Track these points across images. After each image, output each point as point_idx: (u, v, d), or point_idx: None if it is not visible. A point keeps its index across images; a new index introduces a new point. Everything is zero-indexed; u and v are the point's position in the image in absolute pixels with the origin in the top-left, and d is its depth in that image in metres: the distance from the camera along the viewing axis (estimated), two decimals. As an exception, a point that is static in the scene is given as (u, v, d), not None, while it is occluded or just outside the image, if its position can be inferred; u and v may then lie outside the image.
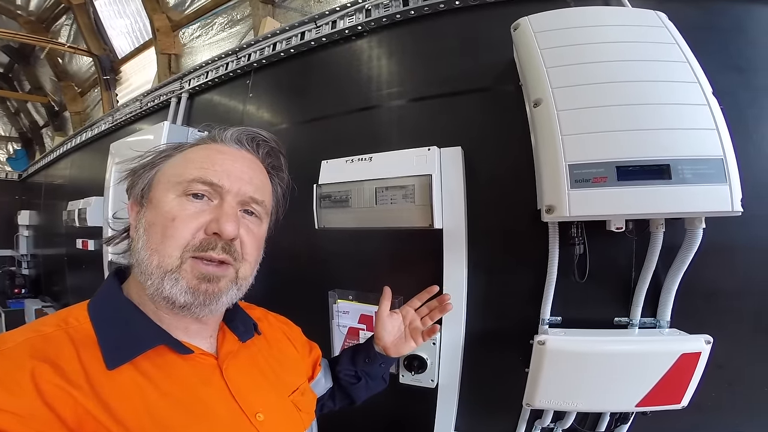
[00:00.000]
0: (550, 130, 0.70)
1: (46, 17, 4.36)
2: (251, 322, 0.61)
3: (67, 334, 0.43)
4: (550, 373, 0.72)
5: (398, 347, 0.74)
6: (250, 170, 0.53)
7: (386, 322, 0.74)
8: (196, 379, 0.48)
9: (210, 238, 0.47)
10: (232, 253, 0.48)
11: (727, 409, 0.80)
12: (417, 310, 0.77)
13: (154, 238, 0.46)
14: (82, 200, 2.21)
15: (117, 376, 0.42)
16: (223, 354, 0.53)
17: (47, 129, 5.86)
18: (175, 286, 0.45)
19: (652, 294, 0.80)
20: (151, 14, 3.02)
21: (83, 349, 0.42)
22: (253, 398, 0.51)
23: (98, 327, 0.45)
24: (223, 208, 0.48)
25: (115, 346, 0.43)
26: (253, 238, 0.52)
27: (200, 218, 0.47)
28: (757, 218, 0.75)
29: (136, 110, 2.10)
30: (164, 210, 0.47)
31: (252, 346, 0.59)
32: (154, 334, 0.47)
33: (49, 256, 3.43)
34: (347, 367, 0.75)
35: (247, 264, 0.51)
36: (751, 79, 0.81)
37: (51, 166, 3.45)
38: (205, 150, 0.52)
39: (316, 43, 1.28)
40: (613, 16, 0.78)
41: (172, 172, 0.50)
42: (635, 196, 0.65)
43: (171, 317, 0.49)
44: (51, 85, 5.20)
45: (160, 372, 0.45)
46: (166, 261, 0.45)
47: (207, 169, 0.49)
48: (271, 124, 1.37)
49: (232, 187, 0.49)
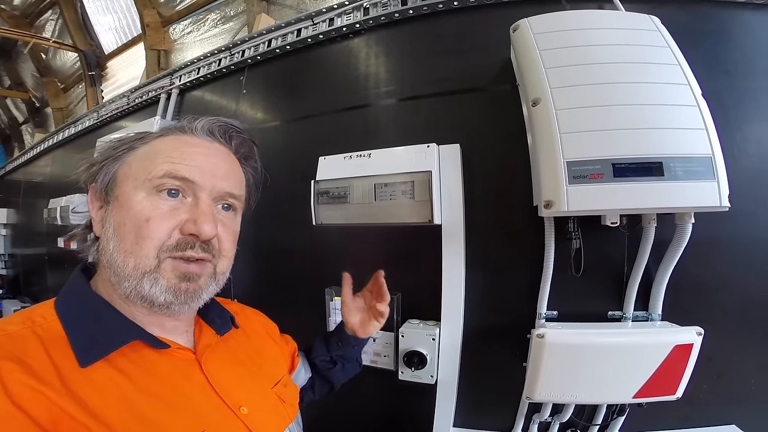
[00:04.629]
0: (549, 129, 0.72)
1: (31, 12, 4.25)
2: (228, 315, 0.60)
3: (33, 333, 0.40)
4: (549, 366, 0.73)
5: (365, 328, 0.75)
6: (225, 165, 0.51)
7: (350, 305, 0.76)
8: (175, 374, 0.46)
9: (186, 237, 0.45)
10: (210, 251, 0.47)
11: (717, 400, 0.83)
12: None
13: (127, 240, 0.44)
14: (65, 198, 2.14)
15: (92, 374, 0.40)
16: (201, 348, 0.51)
17: (27, 125, 5.67)
18: (155, 286, 0.44)
19: (644, 288, 0.82)
20: (141, 9, 2.96)
21: (52, 347, 0.40)
22: (235, 392, 0.50)
23: (67, 324, 0.42)
24: (200, 207, 0.46)
25: (87, 343, 0.41)
26: (230, 233, 0.51)
27: (175, 217, 0.45)
28: (740, 215, 0.79)
29: (123, 106, 2.05)
30: (136, 210, 0.44)
31: (230, 339, 0.57)
32: (127, 330, 0.45)
33: (28, 255, 3.31)
34: (322, 352, 0.75)
35: (224, 259, 0.50)
36: (736, 81, 0.85)
37: (31, 163, 3.33)
38: (173, 141, 0.49)
39: (313, 40, 1.27)
40: (610, 19, 0.81)
41: (139, 166, 0.47)
42: (630, 192, 0.67)
43: (145, 315, 0.47)
44: (32, 81, 5.05)
45: (136, 368, 0.43)
46: (144, 262, 0.43)
47: (177, 163, 0.46)
48: (265, 121, 1.36)
49: (206, 183, 0.47)
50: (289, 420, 0.57)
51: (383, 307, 0.73)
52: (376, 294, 0.75)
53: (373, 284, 0.76)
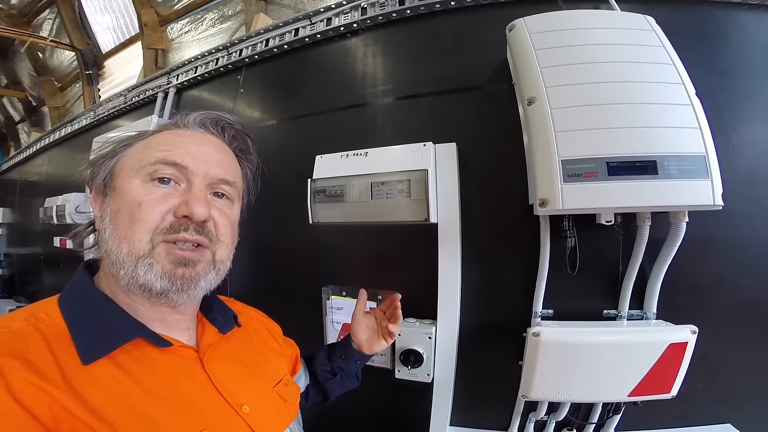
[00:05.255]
0: (544, 127, 0.72)
1: (28, 11, 4.23)
2: (231, 313, 0.60)
3: (36, 329, 0.41)
4: (545, 364, 0.73)
5: (371, 344, 0.76)
6: (217, 153, 0.52)
7: (361, 321, 0.77)
8: (177, 372, 0.46)
9: (180, 220, 0.45)
10: (206, 234, 0.47)
11: (712, 398, 0.83)
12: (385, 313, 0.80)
13: (121, 225, 0.45)
14: (61, 197, 2.13)
15: (94, 371, 0.40)
16: (204, 346, 0.51)
17: (24, 124, 5.64)
18: (149, 272, 0.43)
19: (639, 286, 0.82)
20: (139, 8, 2.95)
21: (55, 344, 0.40)
22: (237, 390, 0.50)
23: (70, 321, 0.43)
24: (192, 191, 0.47)
25: (90, 340, 0.41)
26: (226, 219, 0.51)
27: (168, 201, 0.45)
28: (734, 214, 0.79)
29: (120, 105, 2.04)
30: (130, 196, 0.45)
31: (233, 338, 0.57)
32: (130, 327, 0.45)
33: (24, 255, 3.29)
34: (324, 362, 0.77)
35: (223, 245, 0.50)
36: (730, 81, 0.85)
37: (27, 162, 3.31)
38: (167, 135, 0.51)
39: (311, 40, 1.27)
40: (605, 19, 0.81)
41: (135, 158, 0.48)
42: (625, 190, 0.67)
43: (147, 308, 0.47)
44: (29, 80, 5.02)
45: (139, 366, 0.43)
46: (137, 246, 0.43)
47: (170, 150, 0.47)
48: (262, 120, 1.36)
49: (198, 169, 0.48)
50: (290, 419, 0.57)
51: (395, 328, 0.75)
52: (390, 315, 0.77)
53: (387, 305, 0.78)
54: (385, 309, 0.79)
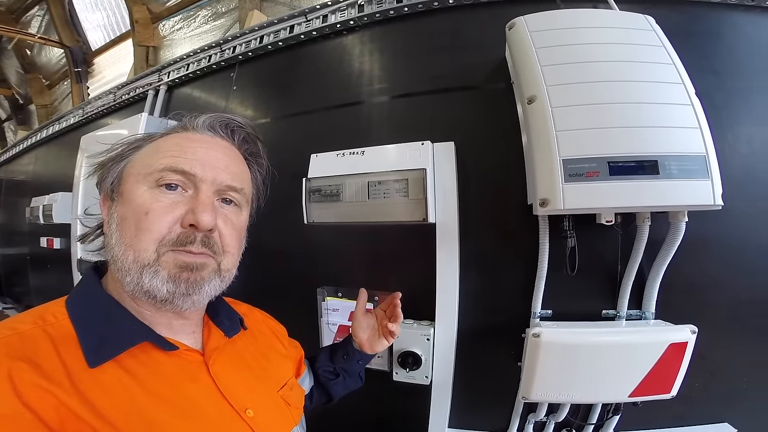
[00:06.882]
0: (545, 126, 0.72)
1: (17, 8, 4.15)
2: (237, 317, 0.60)
3: (44, 332, 0.41)
4: (545, 365, 0.73)
5: (372, 344, 0.76)
6: (226, 157, 0.51)
7: (362, 320, 0.77)
8: (182, 376, 0.46)
9: (187, 231, 0.45)
10: (211, 247, 0.46)
11: (710, 398, 0.83)
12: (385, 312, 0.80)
13: (127, 233, 0.44)
14: (48, 196, 2.08)
15: (100, 374, 0.40)
16: (209, 350, 0.51)
17: (10, 123, 5.52)
18: (155, 278, 0.43)
19: (637, 287, 0.82)
20: (130, 5, 2.90)
21: (63, 346, 0.40)
22: (241, 394, 0.50)
23: (78, 324, 0.43)
24: (199, 197, 0.46)
25: (97, 344, 0.41)
26: (232, 228, 0.50)
27: (175, 210, 0.45)
28: (731, 214, 0.79)
29: (109, 103, 2.00)
30: (136, 203, 0.45)
31: (238, 341, 0.57)
32: (137, 331, 0.45)
33: (9, 255, 3.21)
34: (326, 363, 0.77)
35: (229, 256, 0.49)
36: (726, 81, 0.86)
37: (13, 161, 3.23)
38: (175, 138, 0.50)
39: (306, 37, 1.25)
40: (605, 18, 0.81)
41: (142, 163, 0.48)
42: (626, 190, 0.67)
43: (153, 313, 0.47)
44: (16, 78, 4.92)
45: (145, 369, 0.43)
46: (142, 255, 0.43)
47: (178, 157, 0.47)
48: (255, 118, 1.33)
49: (206, 175, 0.47)
50: (294, 423, 0.57)
51: (395, 327, 0.74)
52: (390, 314, 0.76)
53: (387, 304, 0.78)
54: (386, 308, 0.78)
